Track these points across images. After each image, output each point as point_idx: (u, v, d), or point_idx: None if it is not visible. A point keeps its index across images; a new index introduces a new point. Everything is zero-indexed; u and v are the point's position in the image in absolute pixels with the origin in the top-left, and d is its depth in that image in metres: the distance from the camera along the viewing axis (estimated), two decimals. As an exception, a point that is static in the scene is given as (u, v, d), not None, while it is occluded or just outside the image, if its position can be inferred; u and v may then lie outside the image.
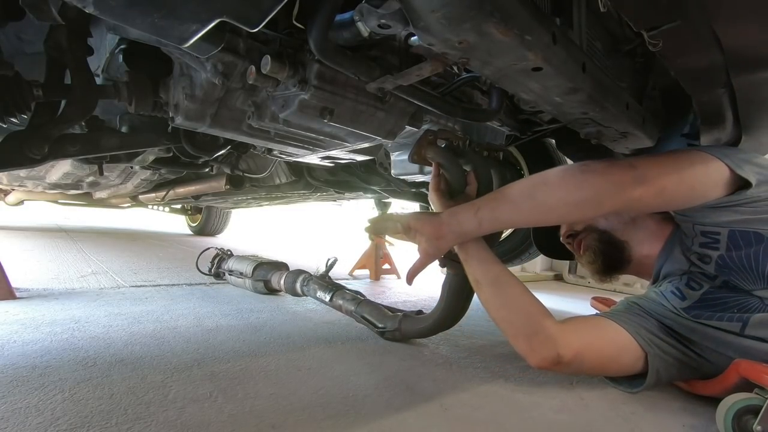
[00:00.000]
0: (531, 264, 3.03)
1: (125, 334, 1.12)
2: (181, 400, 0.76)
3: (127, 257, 2.61)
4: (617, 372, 0.97)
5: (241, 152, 1.34)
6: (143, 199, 2.94)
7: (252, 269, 1.76)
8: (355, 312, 1.32)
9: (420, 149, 1.04)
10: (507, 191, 0.89)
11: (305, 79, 0.71)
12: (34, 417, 0.66)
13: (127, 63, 0.83)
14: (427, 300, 1.96)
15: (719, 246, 0.92)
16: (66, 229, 4.00)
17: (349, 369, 0.98)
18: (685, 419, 0.86)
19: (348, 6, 0.62)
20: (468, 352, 1.19)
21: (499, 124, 1.16)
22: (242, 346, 1.09)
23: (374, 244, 2.64)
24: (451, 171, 1.05)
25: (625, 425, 0.81)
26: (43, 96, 0.78)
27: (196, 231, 4.73)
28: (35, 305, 1.34)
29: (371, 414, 0.77)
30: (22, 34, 0.90)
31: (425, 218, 0.94)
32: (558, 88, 0.70)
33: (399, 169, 1.29)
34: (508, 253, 1.77)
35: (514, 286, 0.94)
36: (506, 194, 0.88)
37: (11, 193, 3.01)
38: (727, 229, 0.90)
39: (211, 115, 0.84)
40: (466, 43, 0.54)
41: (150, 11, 0.48)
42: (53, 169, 1.92)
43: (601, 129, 0.94)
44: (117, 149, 1.02)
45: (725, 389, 0.85)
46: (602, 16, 0.91)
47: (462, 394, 0.89)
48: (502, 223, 0.90)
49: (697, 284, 0.97)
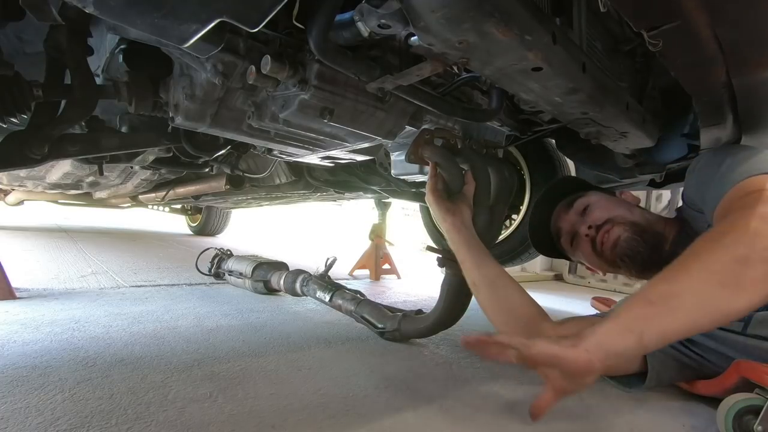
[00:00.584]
0: (531, 264, 3.03)
1: (125, 334, 1.12)
2: (181, 400, 0.76)
3: (127, 257, 2.61)
4: (615, 371, 0.97)
5: (241, 152, 1.34)
6: (143, 199, 2.93)
7: (251, 269, 1.76)
8: (354, 312, 1.32)
9: (417, 148, 1.04)
10: (678, 286, 0.64)
11: (305, 79, 0.71)
12: (34, 417, 0.66)
13: (127, 63, 0.83)
14: (427, 300, 1.95)
15: None
16: (66, 229, 4.00)
17: (349, 369, 0.98)
18: (684, 419, 0.86)
19: (348, 6, 0.62)
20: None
21: (499, 124, 1.16)
22: (242, 346, 1.09)
23: (374, 244, 2.64)
24: (448, 170, 1.04)
25: (624, 425, 0.81)
26: (43, 96, 0.78)
27: (196, 231, 4.72)
28: (35, 305, 1.34)
29: (371, 414, 0.77)
30: (22, 34, 0.90)
31: (560, 351, 0.61)
32: (558, 88, 0.70)
33: (399, 169, 1.29)
34: (507, 253, 1.77)
35: (510, 289, 0.94)
36: (679, 292, 0.63)
37: (11, 193, 3.00)
38: None
39: (211, 115, 0.84)
40: (466, 43, 0.54)
41: (150, 11, 0.48)
42: (53, 169, 1.92)
43: (601, 129, 0.94)
44: (117, 149, 1.02)
45: (726, 389, 0.85)
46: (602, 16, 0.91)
47: (462, 395, 0.89)
48: (678, 335, 0.66)
49: None
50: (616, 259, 1.02)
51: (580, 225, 1.08)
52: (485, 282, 0.95)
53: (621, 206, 1.08)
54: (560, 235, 1.15)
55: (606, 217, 1.05)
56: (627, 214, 1.04)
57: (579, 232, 1.08)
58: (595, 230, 1.05)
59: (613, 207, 1.07)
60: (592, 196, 1.11)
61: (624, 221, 1.03)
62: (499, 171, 1.12)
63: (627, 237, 1.00)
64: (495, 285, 0.95)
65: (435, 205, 1.05)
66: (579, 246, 1.10)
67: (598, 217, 1.06)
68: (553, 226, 1.17)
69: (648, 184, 1.40)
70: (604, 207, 1.07)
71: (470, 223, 1.04)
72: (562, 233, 1.14)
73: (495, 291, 0.95)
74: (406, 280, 2.65)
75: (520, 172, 1.75)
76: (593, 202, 1.09)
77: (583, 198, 1.12)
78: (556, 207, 1.17)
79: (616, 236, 1.01)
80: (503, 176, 1.13)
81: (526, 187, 1.73)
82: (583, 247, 1.08)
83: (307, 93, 0.71)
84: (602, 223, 1.05)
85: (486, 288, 0.95)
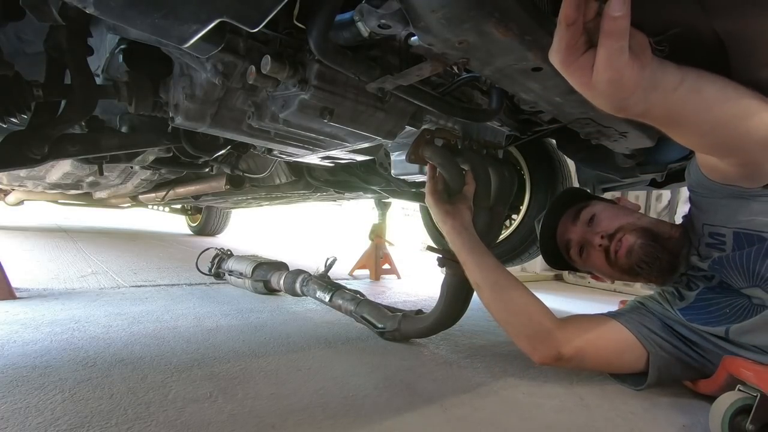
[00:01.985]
0: (531, 264, 3.03)
1: (125, 334, 1.12)
2: (181, 400, 0.76)
3: (127, 257, 2.61)
4: (619, 369, 0.98)
5: (241, 152, 1.34)
6: (143, 199, 2.93)
7: (251, 270, 1.76)
8: (354, 312, 1.32)
9: (417, 149, 1.04)
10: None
11: (305, 79, 0.71)
12: (34, 417, 0.66)
13: (127, 63, 0.83)
14: (427, 300, 1.95)
15: (725, 247, 0.90)
16: (66, 229, 4.00)
17: (349, 369, 0.98)
18: (683, 419, 0.86)
19: (348, 6, 0.62)
20: (468, 352, 1.19)
21: (499, 124, 1.16)
22: (242, 346, 1.09)
23: (374, 244, 2.64)
24: (448, 170, 1.04)
25: (624, 425, 0.81)
26: (43, 96, 0.78)
27: (196, 231, 4.72)
28: (35, 305, 1.34)
29: (371, 414, 0.77)
30: (22, 34, 0.90)
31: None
32: (558, 88, 0.70)
33: (399, 169, 1.29)
34: (508, 253, 1.77)
35: (513, 289, 0.95)
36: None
37: (11, 193, 3.00)
38: (732, 230, 0.89)
39: (211, 115, 0.84)
40: (466, 43, 0.54)
41: (150, 11, 0.48)
42: (53, 169, 1.92)
43: (601, 129, 0.94)
44: (117, 149, 1.02)
45: (719, 387, 0.86)
46: (602, 16, 0.91)
47: (462, 394, 0.89)
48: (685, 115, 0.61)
49: (695, 284, 0.97)
50: (632, 266, 0.99)
51: (591, 236, 1.06)
52: (488, 284, 0.96)
53: (627, 213, 1.06)
54: (569, 247, 1.12)
55: (616, 225, 1.03)
56: (635, 220, 1.03)
57: (591, 243, 1.05)
58: (608, 240, 1.02)
59: (619, 215, 1.06)
60: (596, 206, 1.10)
61: (635, 228, 1.01)
62: (500, 171, 1.12)
63: (642, 243, 0.98)
64: (498, 286, 0.95)
65: (435, 207, 1.05)
66: (590, 256, 1.07)
67: (608, 226, 1.04)
68: (560, 238, 1.14)
69: (648, 184, 1.40)
70: (611, 215, 1.06)
71: (470, 224, 1.03)
72: (572, 245, 1.11)
73: (498, 292, 0.95)
74: (406, 280, 2.65)
75: (520, 172, 1.75)
76: (599, 212, 1.08)
77: (588, 208, 1.10)
78: (560, 219, 1.15)
79: (630, 244, 0.99)
80: (503, 176, 1.13)
81: (527, 187, 1.73)
82: (595, 257, 1.06)
83: (307, 93, 0.71)
84: (614, 231, 1.02)
85: (489, 289, 0.96)
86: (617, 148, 1.12)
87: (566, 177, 1.72)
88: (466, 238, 1.00)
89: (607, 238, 1.02)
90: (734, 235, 0.89)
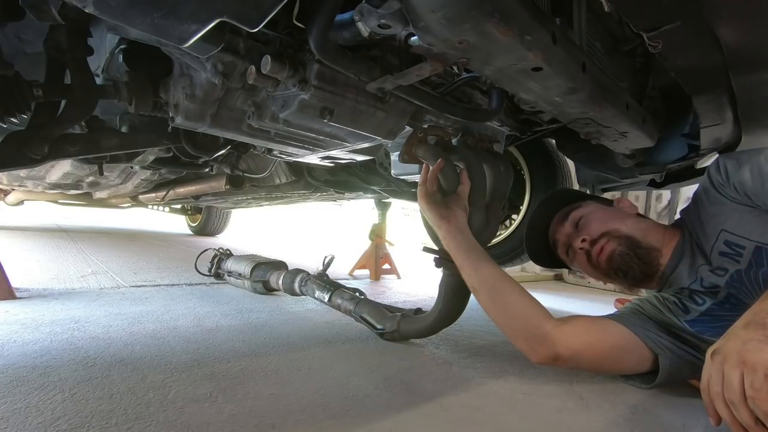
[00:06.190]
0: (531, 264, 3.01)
1: (125, 334, 1.12)
2: (181, 400, 0.76)
3: (127, 257, 2.61)
4: (618, 370, 0.98)
5: (241, 152, 1.34)
6: (143, 199, 2.94)
7: (250, 270, 1.76)
8: (354, 312, 1.32)
9: (410, 148, 1.03)
10: None
11: (305, 79, 0.71)
12: (34, 417, 0.66)
13: (127, 63, 0.83)
14: (427, 300, 1.96)
15: (741, 260, 0.89)
16: (66, 229, 4.00)
17: (349, 369, 0.98)
18: (684, 419, 0.85)
19: (348, 6, 0.62)
20: (468, 352, 1.19)
21: (499, 124, 1.16)
22: (242, 346, 1.09)
23: (374, 244, 2.64)
24: (442, 170, 1.03)
25: (625, 425, 0.81)
26: (43, 96, 0.78)
27: (196, 231, 4.73)
28: (35, 305, 1.34)
29: (371, 414, 0.77)
30: (22, 34, 0.90)
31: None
32: (558, 88, 0.70)
33: (399, 169, 1.29)
34: (508, 253, 1.77)
35: (510, 291, 0.94)
36: None
37: (11, 193, 3.00)
38: (754, 244, 0.88)
39: (211, 115, 0.84)
40: (466, 43, 0.54)
41: (150, 11, 0.48)
42: (53, 169, 1.92)
43: (601, 129, 0.94)
44: (117, 149, 1.02)
45: None
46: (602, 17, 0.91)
47: (462, 394, 0.89)
48: None
49: (701, 299, 0.94)
50: (610, 272, 1.04)
51: (574, 238, 1.09)
52: (485, 286, 0.96)
53: (616, 218, 1.07)
54: (557, 247, 1.16)
55: (601, 230, 1.05)
56: (622, 226, 1.04)
57: (573, 246, 1.09)
58: (589, 244, 1.06)
59: (608, 219, 1.07)
60: (587, 207, 1.11)
61: (619, 235, 1.03)
62: (495, 167, 1.11)
63: (621, 252, 1.01)
64: (495, 288, 0.95)
65: (428, 212, 1.04)
66: (575, 257, 1.10)
67: (593, 230, 1.06)
68: (550, 237, 1.18)
69: (648, 184, 1.40)
70: (599, 219, 1.07)
71: (465, 226, 1.03)
72: (559, 245, 1.15)
73: (495, 294, 0.95)
74: (406, 280, 2.65)
75: (520, 171, 1.75)
76: (587, 214, 1.10)
77: (579, 209, 1.12)
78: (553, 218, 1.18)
79: (610, 250, 1.02)
80: (498, 172, 1.11)
81: (527, 187, 1.73)
82: (578, 259, 1.09)
83: (307, 93, 0.71)
84: (598, 237, 1.05)
85: (486, 293, 0.96)
86: (617, 148, 1.12)
87: (566, 177, 1.72)
88: (462, 242, 1.00)
89: (589, 242, 1.06)
90: (755, 250, 0.88)
